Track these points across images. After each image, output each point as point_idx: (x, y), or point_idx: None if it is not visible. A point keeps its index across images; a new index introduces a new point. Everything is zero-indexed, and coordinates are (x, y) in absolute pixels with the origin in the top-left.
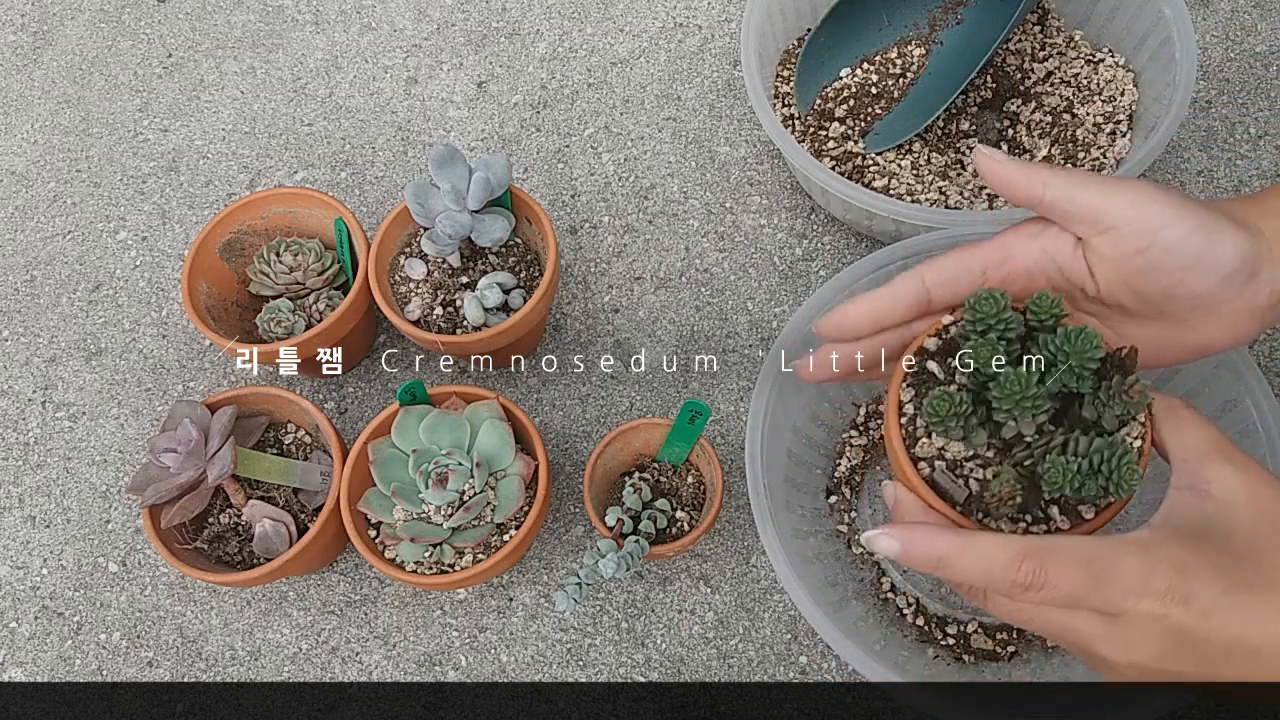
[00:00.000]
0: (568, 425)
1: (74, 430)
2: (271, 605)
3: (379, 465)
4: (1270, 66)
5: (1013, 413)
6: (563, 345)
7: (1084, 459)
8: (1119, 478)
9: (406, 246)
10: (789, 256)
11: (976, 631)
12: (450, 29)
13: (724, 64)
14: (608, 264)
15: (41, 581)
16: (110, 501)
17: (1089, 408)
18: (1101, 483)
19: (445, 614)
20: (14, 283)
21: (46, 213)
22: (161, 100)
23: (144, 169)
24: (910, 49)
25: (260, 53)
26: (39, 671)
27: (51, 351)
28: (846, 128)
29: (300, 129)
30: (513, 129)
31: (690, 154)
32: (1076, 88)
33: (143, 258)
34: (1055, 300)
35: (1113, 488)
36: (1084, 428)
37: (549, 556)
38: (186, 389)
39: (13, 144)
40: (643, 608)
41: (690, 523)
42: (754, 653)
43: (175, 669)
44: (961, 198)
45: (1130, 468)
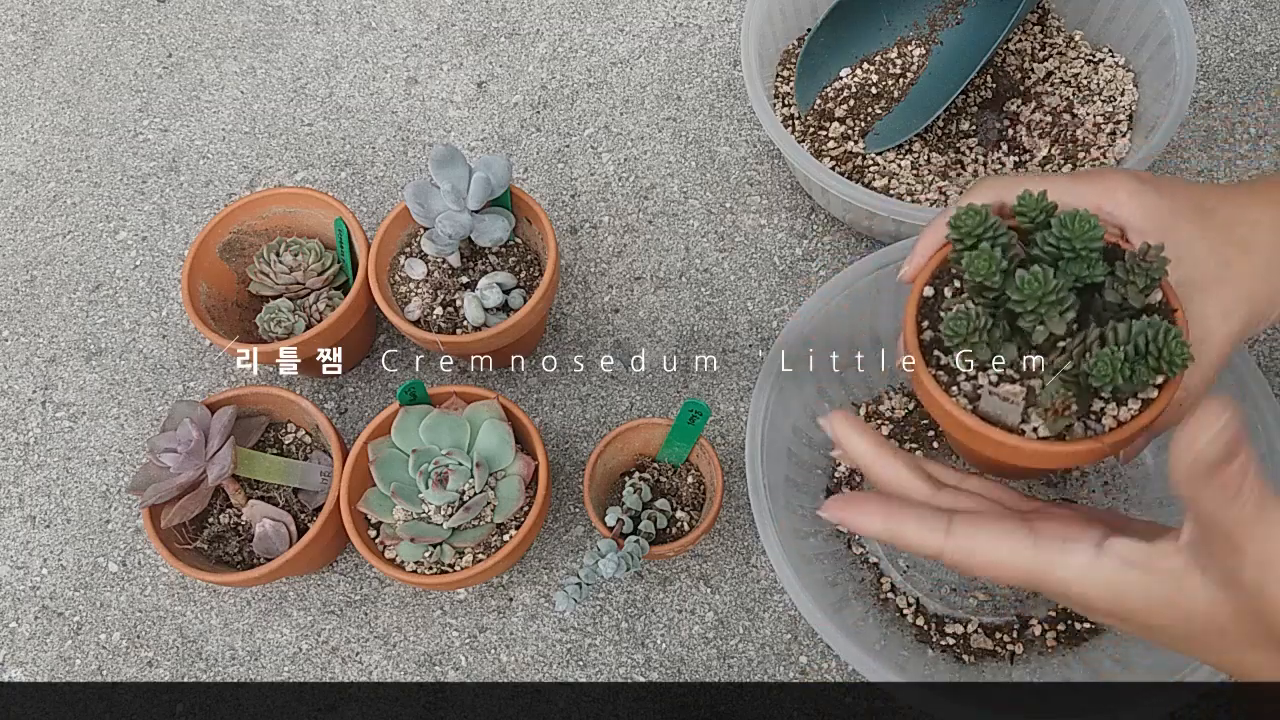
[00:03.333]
0: (568, 425)
1: (74, 430)
2: (271, 605)
3: (379, 465)
4: (1270, 66)
5: (1038, 313)
6: (563, 345)
7: (1128, 344)
8: (1170, 353)
9: (406, 246)
10: (789, 256)
11: (976, 631)
12: (450, 29)
13: (724, 64)
14: (608, 264)
15: (41, 581)
16: (110, 501)
17: (1110, 291)
18: (1153, 363)
19: (445, 614)
20: (14, 283)
21: (46, 213)
22: (161, 100)
23: (144, 169)
24: (910, 49)
25: (260, 53)
26: (39, 671)
27: (51, 351)
28: (846, 128)
29: (300, 129)
30: (513, 129)
31: (690, 154)
32: (1076, 88)
33: (143, 258)
34: (1039, 196)
35: (1165, 365)
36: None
37: (549, 556)
38: (186, 389)
39: (13, 144)
40: (643, 608)
41: (690, 523)
42: (754, 653)
43: (175, 669)
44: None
45: (1178, 341)
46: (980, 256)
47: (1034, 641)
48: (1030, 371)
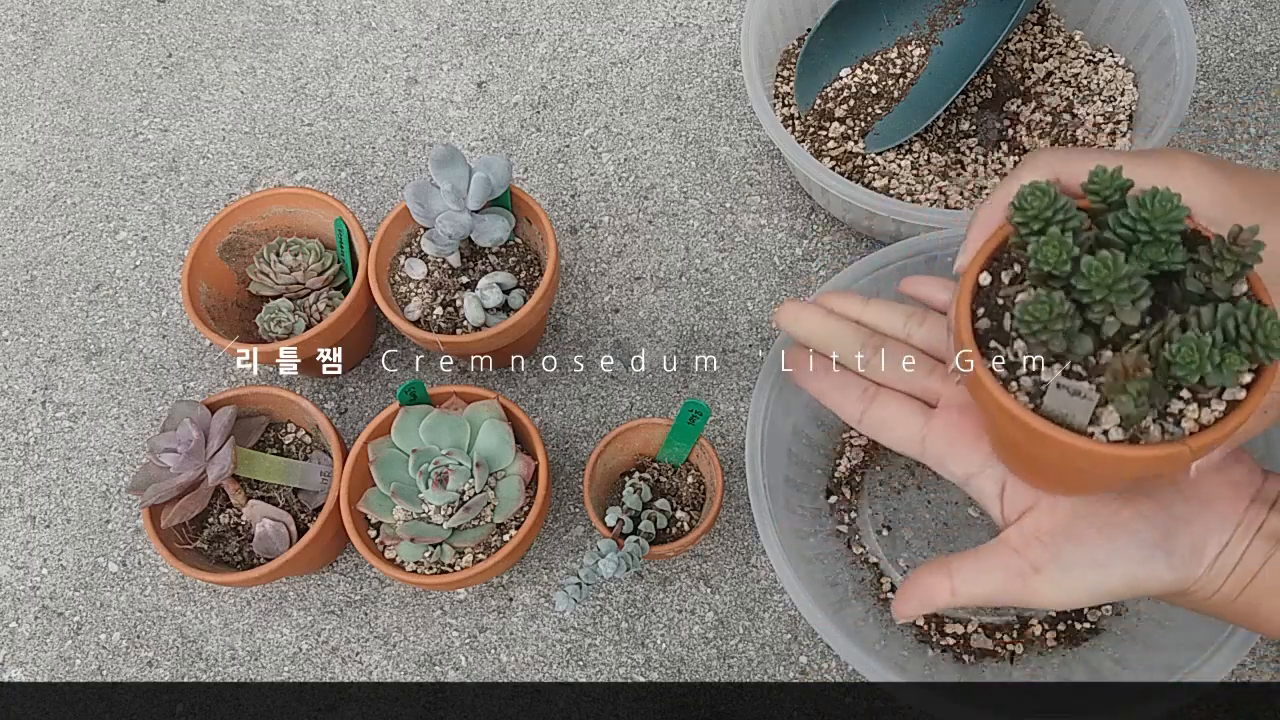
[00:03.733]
0: (568, 425)
1: (74, 430)
2: (271, 605)
3: (379, 465)
4: (1270, 66)
5: (1109, 301)
6: (563, 345)
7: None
8: (1265, 336)
9: (406, 246)
10: (789, 256)
11: (976, 631)
12: (450, 29)
13: (724, 64)
14: (608, 264)
15: (41, 581)
16: (110, 501)
17: (1192, 280)
18: (1245, 348)
19: (445, 614)
20: (14, 283)
21: (46, 213)
22: (161, 100)
23: (144, 169)
24: (910, 49)
25: (260, 53)
26: (39, 671)
27: (51, 351)
28: (846, 128)
29: (300, 129)
30: (513, 129)
31: (690, 154)
32: (1076, 88)
33: (143, 258)
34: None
35: (1261, 351)
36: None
37: (549, 556)
38: (186, 389)
39: (13, 144)
40: (643, 608)
41: (690, 523)
42: (754, 653)
43: (175, 669)
44: (961, 198)
45: (1274, 322)
46: (1050, 243)
47: (1034, 641)
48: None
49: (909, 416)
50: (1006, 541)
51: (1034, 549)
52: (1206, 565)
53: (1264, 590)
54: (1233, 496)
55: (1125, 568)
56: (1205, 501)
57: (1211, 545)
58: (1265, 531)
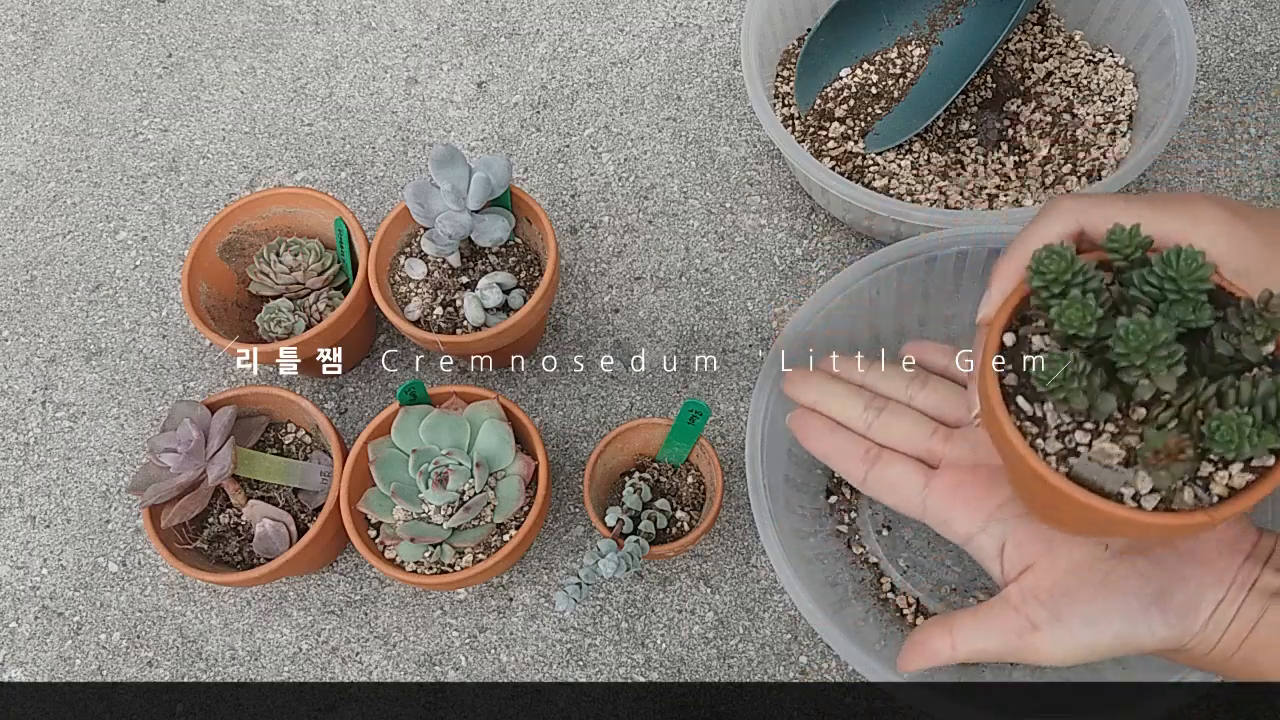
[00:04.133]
0: (568, 425)
1: (74, 430)
2: (271, 605)
3: (379, 465)
4: (1270, 66)
5: (1145, 368)
6: (563, 345)
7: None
8: None
9: (406, 246)
10: (789, 256)
11: None
12: (450, 29)
13: (724, 64)
14: (608, 264)
15: (41, 581)
16: (110, 501)
17: (1221, 342)
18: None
19: (445, 614)
20: (14, 283)
21: (46, 213)
22: (161, 100)
23: (144, 169)
24: (910, 49)
25: (260, 53)
26: (39, 671)
27: (51, 351)
28: (846, 128)
29: (300, 129)
30: (513, 129)
31: (690, 154)
32: (1076, 88)
33: (143, 258)
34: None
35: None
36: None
37: (549, 556)
38: (186, 389)
39: (13, 144)
40: (643, 608)
41: (690, 523)
42: (754, 653)
43: (175, 669)
44: (961, 198)
45: None
46: (1071, 306)
47: None
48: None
49: (911, 478)
50: (1006, 599)
51: (1033, 606)
52: (1202, 622)
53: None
54: (1227, 554)
55: (1122, 625)
56: (1200, 559)
57: (1206, 602)
58: (1259, 588)
